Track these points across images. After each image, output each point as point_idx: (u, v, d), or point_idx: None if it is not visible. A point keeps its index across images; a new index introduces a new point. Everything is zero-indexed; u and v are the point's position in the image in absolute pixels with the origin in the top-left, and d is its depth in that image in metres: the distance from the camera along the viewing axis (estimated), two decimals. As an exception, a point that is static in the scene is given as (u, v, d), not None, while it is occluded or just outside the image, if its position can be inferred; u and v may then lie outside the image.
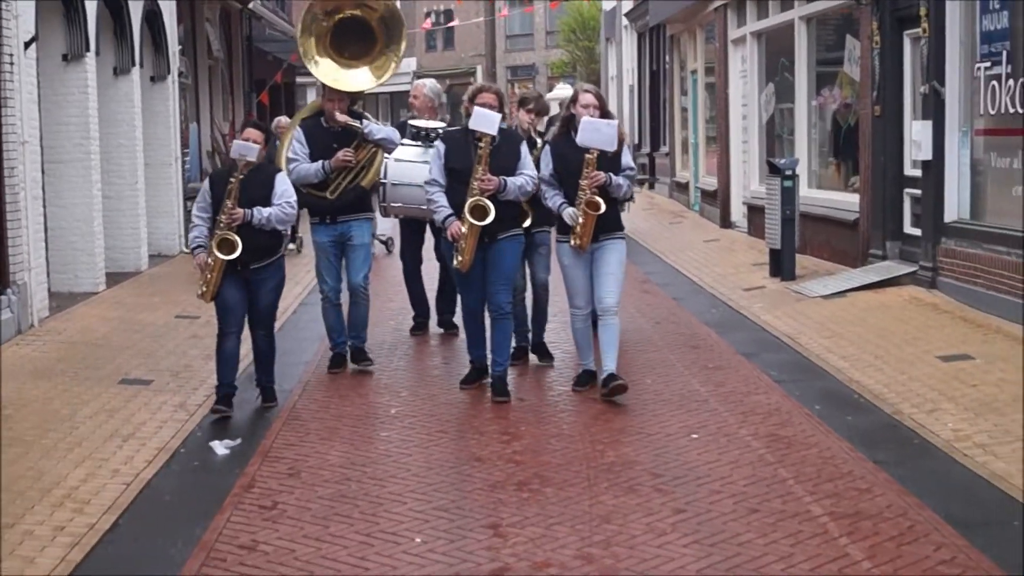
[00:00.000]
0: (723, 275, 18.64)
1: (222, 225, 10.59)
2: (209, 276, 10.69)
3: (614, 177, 10.94)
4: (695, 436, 9.81)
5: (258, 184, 10.81)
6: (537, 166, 11.40)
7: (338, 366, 12.68)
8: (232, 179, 10.64)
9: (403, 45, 13.42)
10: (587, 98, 11.17)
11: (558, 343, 13.37)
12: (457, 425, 10.49)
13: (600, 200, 10.82)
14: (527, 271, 12.87)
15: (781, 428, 10.00)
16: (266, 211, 10.75)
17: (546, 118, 14.29)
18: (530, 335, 12.91)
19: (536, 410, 11.00)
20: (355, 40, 13.21)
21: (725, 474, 8.77)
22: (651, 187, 36.01)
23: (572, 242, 11.01)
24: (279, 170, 11.55)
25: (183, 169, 23.64)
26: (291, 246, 13.08)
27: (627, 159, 11.27)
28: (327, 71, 13.02)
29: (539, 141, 12.74)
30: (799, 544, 7.32)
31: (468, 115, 11.26)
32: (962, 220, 15.01)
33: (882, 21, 16.76)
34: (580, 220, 10.88)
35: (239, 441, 9.95)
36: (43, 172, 16.11)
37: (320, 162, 12.27)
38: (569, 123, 11.19)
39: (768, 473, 8.77)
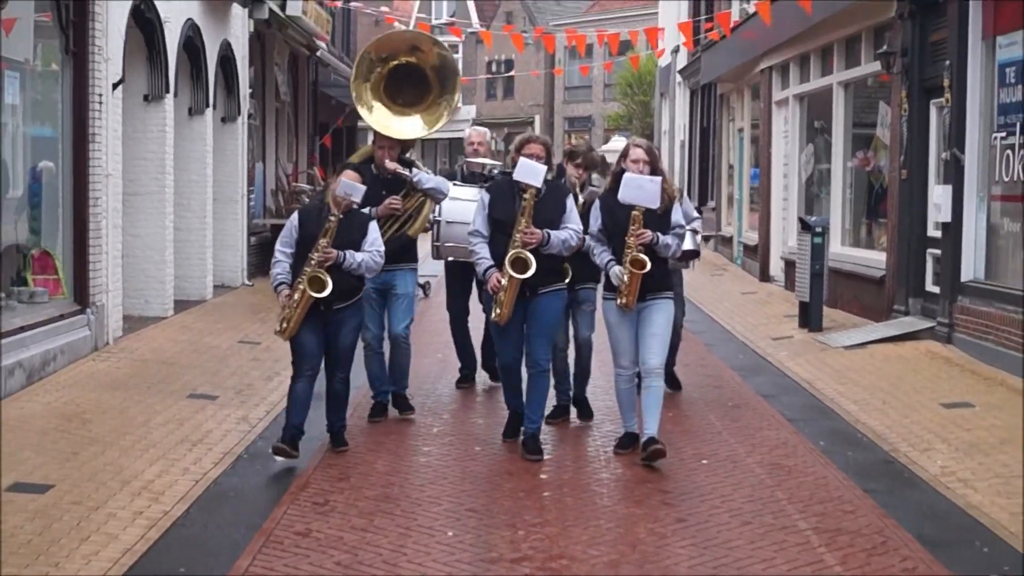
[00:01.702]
0: (755, 325, 19.65)
1: (313, 263, 10.49)
2: (291, 313, 10.62)
3: (661, 236, 10.61)
4: (704, 462, 10.89)
5: (351, 228, 10.78)
6: (584, 221, 11.17)
7: (379, 415, 12.48)
8: (332, 218, 10.55)
9: (457, 96, 13.34)
10: (637, 153, 10.84)
11: (600, 401, 13.18)
12: (492, 443, 11.48)
13: (645, 258, 10.48)
14: (570, 328, 12.52)
15: (785, 459, 11.04)
16: (359, 256, 10.71)
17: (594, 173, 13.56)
18: (571, 391, 12.57)
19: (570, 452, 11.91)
20: (409, 87, 13.14)
21: (726, 493, 9.84)
22: (705, 241, 36.80)
23: (618, 301, 10.69)
24: (372, 217, 11.40)
25: (248, 206, 24.77)
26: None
27: (677, 216, 10.92)
28: (379, 117, 12.95)
29: (581, 197, 12.06)
30: (781, 551, 8.40)
31: (515, 165, 11.00)
32: (977, 280, 15.95)
33: (910, 90, 17.76)
34: (625, 279, 10.56)
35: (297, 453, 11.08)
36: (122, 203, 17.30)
37: (368, 209, 11.78)
38: (619, 178, 10.77)
39: (766, 494, 9.83)
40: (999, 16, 15.52)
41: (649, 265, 10.49)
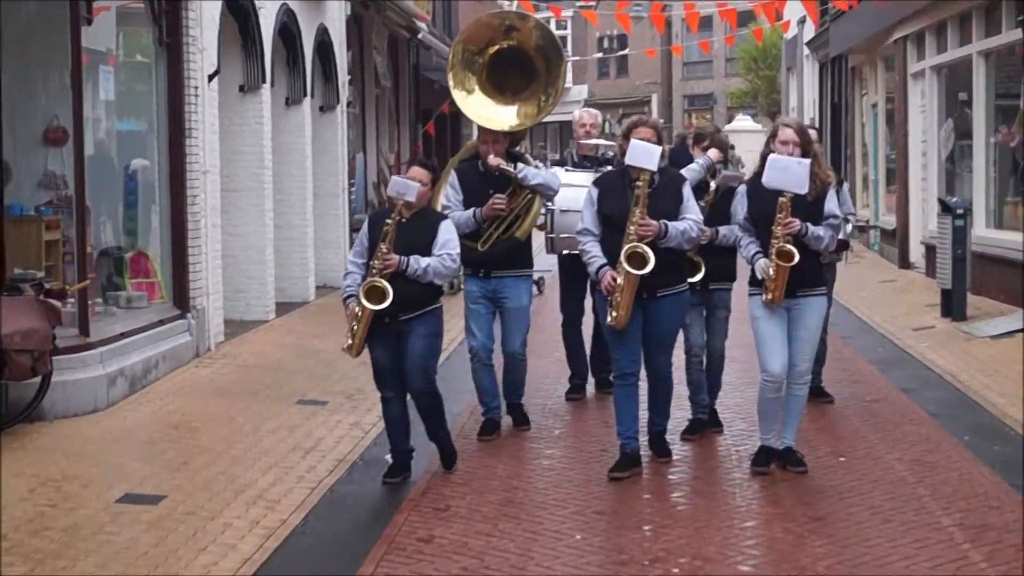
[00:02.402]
0: (894, 315, 19.88)
1: (374, 271, 10.24)
2: (355, 327, 10.41)
3: (811, 227, 10.27)
4: (842, 459, 11.21)
5: (419, 230, 10.41)
6: (718, 209, 11.29)
7: (490, 433, 12.17)
8: (389, 220, 10.27)
9: (561, 83, 12.91)
10: (786, 133, 10.47)
11: (730, 399, 13.32)
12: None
13: (793, 250, 10.12)
14: (704, 333, 12.07)
15: (927, 455, 11.35)
16: (424, 261, 10.30)
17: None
18: (707, 404, 12.22)
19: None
20: (515, 74, 12.87)
21: (865, 491, 10.18)
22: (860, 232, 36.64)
23: (764, 297, 10.36)
24: (445, 217, 10.96)
25: (349, 200, 25.31)
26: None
27: (831, 205, 10.56)
28: (475, 107, 12.77)
29: (712, 184, 11.85)
30: (923, 548, 8.73)
31: (623, 153, 10.68)
32: None
33: (1056, 59, 17.99)
34: (771, 272, 10.23)
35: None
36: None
37: (472, 210, 11.84)
38: (766, 161, 10.37)
39: (907, 491, 10.16)
40: None
41: (798, 258, 10.13)
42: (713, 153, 12.13)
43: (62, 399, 12.59)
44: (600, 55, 73.73)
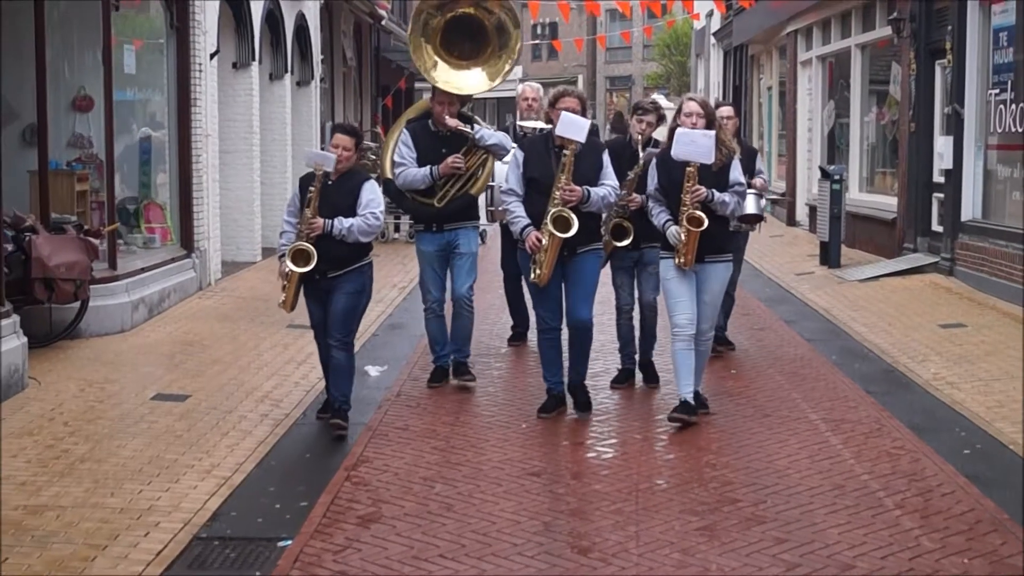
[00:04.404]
0: (781, 263, 20.99)
1: (301, 235, 9.82)
2: (286, 285, 10.05)
3: (716, 193, 9.96)
4: (733, 372, 12.37)
5: (344, 192, 9.94)
6: (642, 181, 10.75)
7: (439, 380, 11.81)
8: (312, 188, 9.79)
9: (518, 46, 12.35)
10: (690, 106, 10.15)
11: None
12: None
13: (702, 215, 9.85)
14: (635, 290, 11.71)
15: (802, 369, 12.51)
16: (348, 222, 9.81)
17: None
18: (636, 356, 11.84)
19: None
20: (465, 40, 12.19)
21: (751, 395, 11.34)
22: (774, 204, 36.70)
23: (676, 260, 10.03)
24: (368, 178, 10.29)
25: (321, 162, 26.04)
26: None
27: (736, 174, 10.23)
28: (441, 74, 12.01)
29: (641, 155, 11.17)
30: (793, 435, 9.87)
31: (550, 121, 10.52)
32: (975, 219, 17.31)
33: (918, 52, 19.10)
34: (683, 237, 9.93)
35: (386, 367, 12.51)
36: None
37: (428, 167, 11.29)
38: (674, 135, 10.06)
39: (784, 395, 11.34)
40: (994, -14, 16.86)
41: (706, 223, 9.86)
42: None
43: (95, 320, 13.58)
44: (535, 42, 74.47)
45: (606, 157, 10.46)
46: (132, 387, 11.45)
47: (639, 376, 11.81)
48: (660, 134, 11.22)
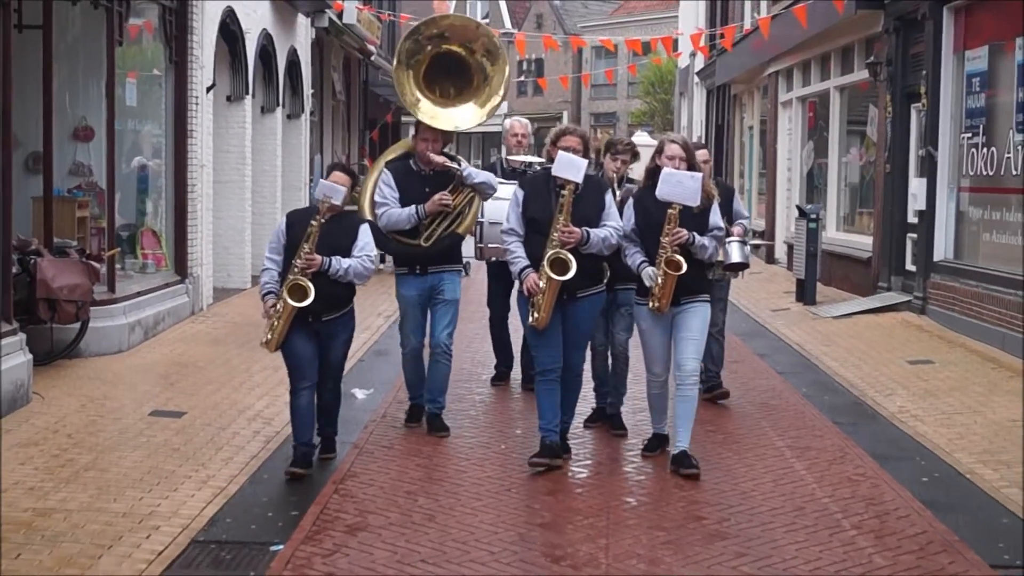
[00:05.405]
0: (758, 299, 21.55)
1: (296, 270, 9.50)
2: (276, 323, 9.68)
3: (697, 236, 9.79)
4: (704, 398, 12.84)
5: (340, 232, 9.77)
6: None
7: (416, 420, 11.53)
8: (314, 222, 9.51)
9: (506, 79, 11.95)
10: (672, 149, 9.96)
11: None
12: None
13: (681, 259, 9.64)
14: (608, 329, 11.40)
15: (771, 399, 13.04)
16: (346, 262, 9.66)
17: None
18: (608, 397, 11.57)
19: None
20: (447, 78, 11.83)
21: (721, 424, 11.86)
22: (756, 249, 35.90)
23: (650, 304, 9.83)
24: (364, 220, 10.26)
25: (310, 193, 26.54)
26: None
27: (715, 218, 10.10)
28: (427, 109, 11.56)
29: (618, 192, 11.01)
30: (760, 460, 10.39)
31: (551, 159, 10.05)
32: (947, 259, 17.88)
33: (894, 95, 19.74)
34: (659, 281, 9.73)
35: (372, 390, 13.03)
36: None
37: (413, 207, 10.90)
38: (654, 175, 9.90)
39: (752, 423, 11.87)
40: (967, 34, 17.53)
41: (685, 267, 9.67)
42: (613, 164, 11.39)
43: (95, 341, 14.12)
44: (521, 78, 75.19)
45: (609, 197, 10.13)
46: (131, 404, 11.97)
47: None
48: (637, 172, 11.24)
